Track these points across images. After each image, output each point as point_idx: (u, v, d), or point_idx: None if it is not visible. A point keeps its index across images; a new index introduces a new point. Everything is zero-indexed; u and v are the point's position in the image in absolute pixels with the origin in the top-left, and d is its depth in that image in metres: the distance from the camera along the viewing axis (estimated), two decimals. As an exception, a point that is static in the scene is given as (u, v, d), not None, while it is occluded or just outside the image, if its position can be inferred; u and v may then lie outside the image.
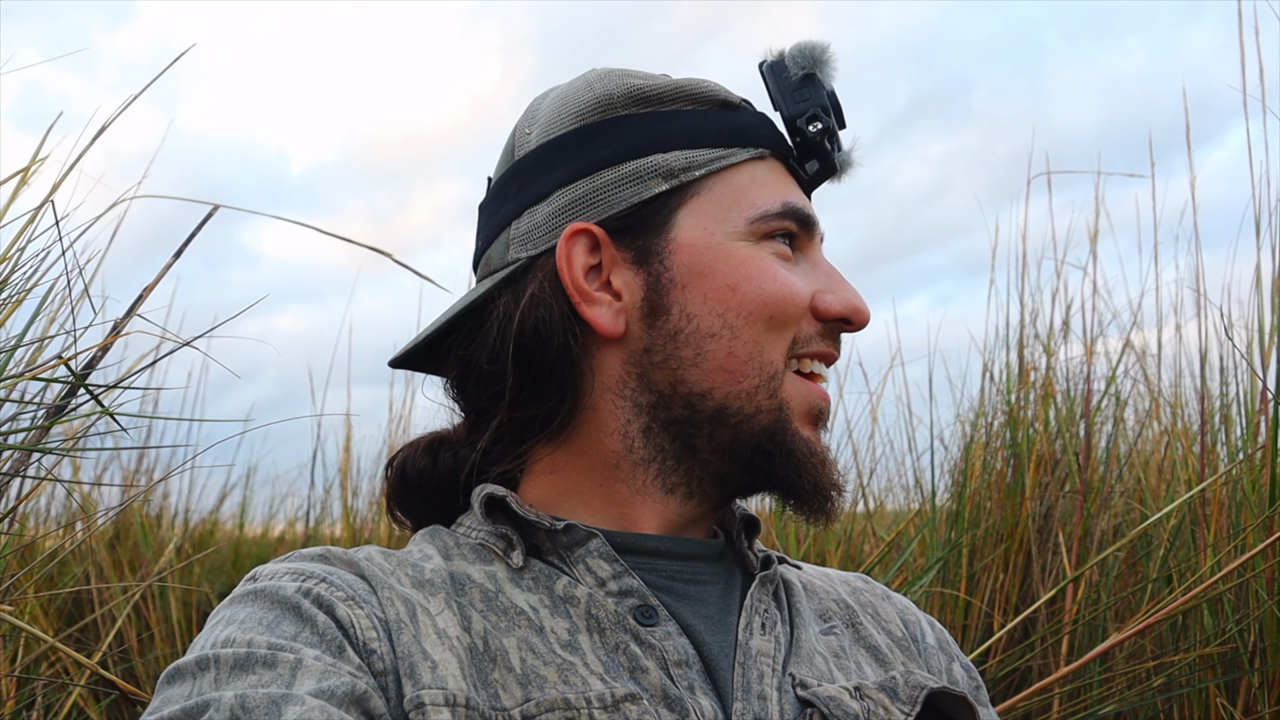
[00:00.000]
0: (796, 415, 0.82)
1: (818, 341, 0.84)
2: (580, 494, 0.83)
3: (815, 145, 0.87)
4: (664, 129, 0.84)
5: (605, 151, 0.84)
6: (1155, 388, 2.54)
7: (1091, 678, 1.96)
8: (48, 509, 2.74)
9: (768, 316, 0.81)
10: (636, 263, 0.83)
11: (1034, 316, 2.57)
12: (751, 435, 0.81)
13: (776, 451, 0.81)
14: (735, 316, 0.80)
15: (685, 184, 0.83)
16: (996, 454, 2.43)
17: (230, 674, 0.64)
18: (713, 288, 0.81)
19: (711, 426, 0.81)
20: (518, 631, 0.73)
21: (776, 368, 0.81)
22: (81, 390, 1.11)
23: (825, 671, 0.79)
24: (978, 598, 2.24)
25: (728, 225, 0.82)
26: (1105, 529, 2.25)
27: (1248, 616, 1.80)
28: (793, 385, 0.83)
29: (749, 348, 0.81)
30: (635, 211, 0.83)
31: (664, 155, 0.83)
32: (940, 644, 0.92)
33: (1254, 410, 2.08)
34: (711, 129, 0.85)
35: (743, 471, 0.83)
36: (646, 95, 0.85)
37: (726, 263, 0.81)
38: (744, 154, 0.85)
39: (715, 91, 0.87)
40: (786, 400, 0.82)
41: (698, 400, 0.81)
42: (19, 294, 1.18)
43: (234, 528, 3.41)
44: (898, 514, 2.77)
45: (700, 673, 0.74)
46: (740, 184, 0.84)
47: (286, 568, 0.74)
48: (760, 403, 0.81)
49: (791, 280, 0.82)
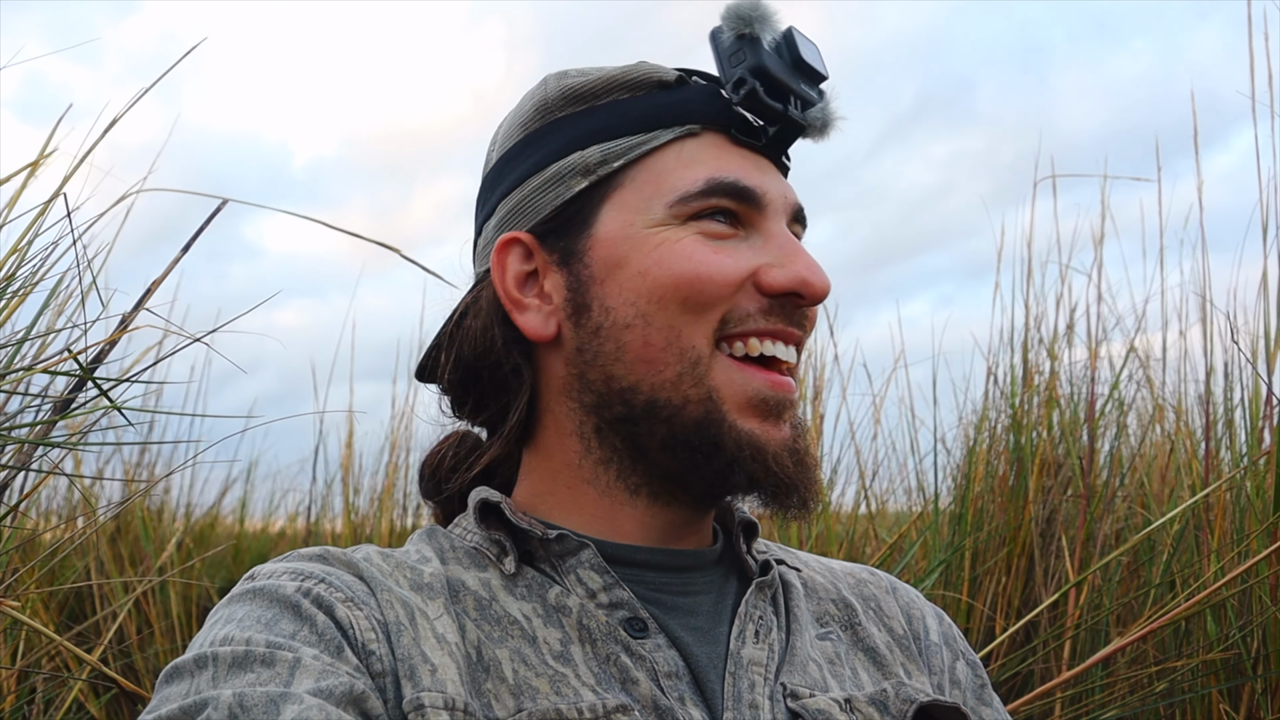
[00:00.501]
0: (731, 405, 0.78)
1: (759, 319, 0.79)
2: (554, 496, 0.84)
3: (762, 109, 0.82)
4: (588, 125, 0.84)
5: (536, 158, 0.85)
6: (1159, 392, 2.54)
7: (1094, 683, 1.95)
8: (48, 503, 2.74)
9: (681, 299, 0.78)
10: (561, 264, 0.83)
11: (1038, 320, 2.57)
12: (687, 427, 0.77)
13: (701, 446, 0.77)
14: (647, 303, 0.78)
15: (605, 177, 0.82)
16: (1000, 457, 2.43)
17: (229, 672, 0.63)
18: (626, 277, 0.79)
19: (648, 423, 0.79)
20: (510, 641, 0.73)
21: (699, 352, 0.78)
22: (88, 384, 1.11)
23: (819, 680, 0.78)
24: (980, 601, 2.24)
25: (648, 213, 0.80)
26: (1108, 533, 2.25)
27: (1251, 623, 1.80)
28: (724, 372, 0.78)
29: (664, 334, 0.78)
30: (559, 213, 0.83)
31: (582, 152, 0.83)
32: (945, 640, 0.91)
33: (1258, 416, 2.08)
34: (636, 115, 0.83)
35: (693, 470, 0.79)
36: (580, 93, 0.85)
37: (639, 250, 0.79)
38: (668, 134, 0.82)
39: (651, 74, 0.84)
40: (716, 388, 0.77)
41: (630, 395, 0.79)
42: (26, 287, 1.18)
43: (234, 522, 3.41)
44: (900, 516, 2.77)
45: (690, 684, 0.74)
46: (663, 167, 0.81)
47: (285, 567, 0.74)
48: (687, 392, 0.77)
49: (711, 258, 0.78)
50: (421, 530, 0.86)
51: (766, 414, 0.79)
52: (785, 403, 0.80)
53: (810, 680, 0.78)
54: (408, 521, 2.97)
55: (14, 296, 1.17)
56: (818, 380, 2.51)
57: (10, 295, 1.16)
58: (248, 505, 3.37)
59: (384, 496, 2.96)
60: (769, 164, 0.85)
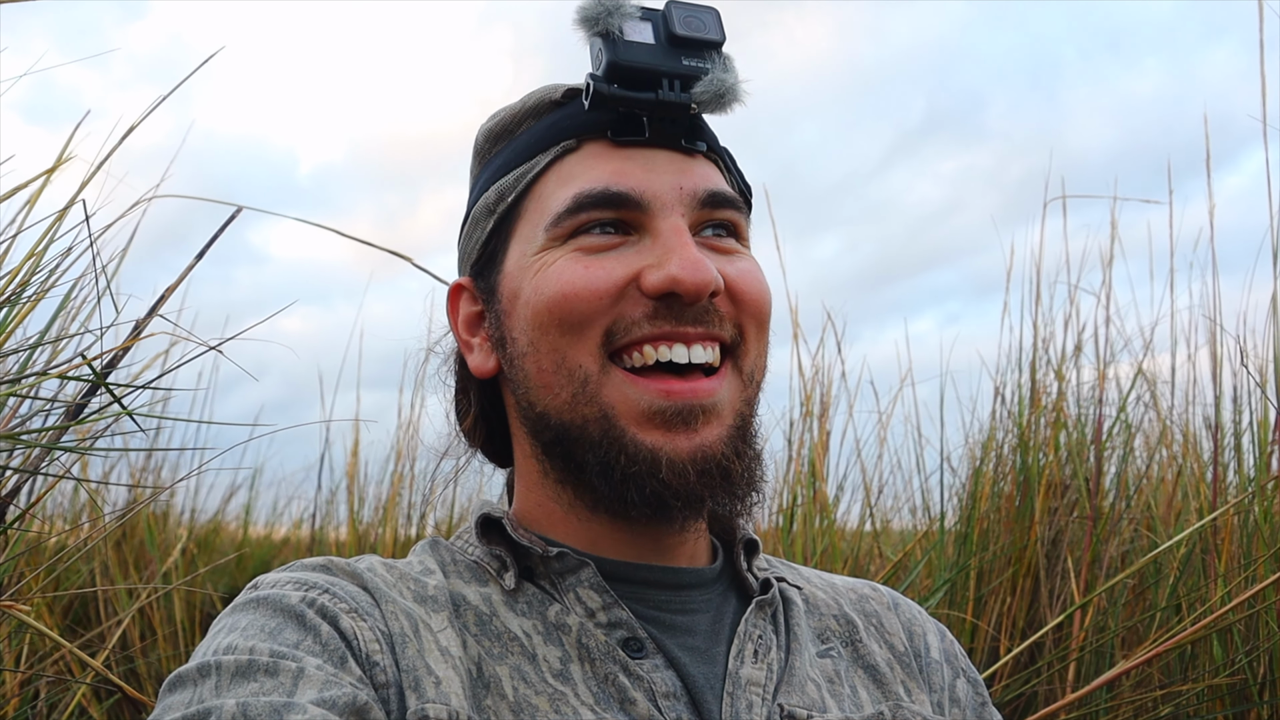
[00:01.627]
0: (628, 420, 0.75)
1: (645, 325, 0.76)
2: (534, 510, 0.85)
3: (622, 104, 0.78)
4: (496, 164, 0.86)
5: (468, 203, 0.90)
6: (1167, 415, 2.53)
7: (1098, 705, 1.94)
8: (54, 507, 2.74)
9: (556, 321, 0.77)
10: (486, 303, 0.86)
11: (1046, 340, 2.56)
12: (594, 446, 0.76)
13: (604, 465, 0.75)
14: (533, 330, 0.79)
15: (504, 214, 0.84)
16: (1006, 477, 2.42)
17: (232, 681, 0.64)
18: (519, 307, 0.81)
19: (567, 446, 0.78)
20: (510, 659, 0.73)
21: (586, 371, 0.76)
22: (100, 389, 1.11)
23: (817, 700, 0.78)
24: (984, 621, 2.23)
25: (534, 241, 0.80)
26: (1114, 556, 2.24)
27: (1258, 648, 1.79)
28: (617, 388, 0.76)
29: (551, 357, 0.77)
30: (480, 254, 0.86)
31: (485, 193, 0.85)
32: (946, 657, 0.91)
33: (1266, 440, 2.07)
34: (523, 145, 0.84)
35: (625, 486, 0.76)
36: (497, 132, 0.88)
37: (525, 278, 0.80)
38: (546, 157, 0.81)
39: (546, 96, 0.84)
40: (610, 404, 0.75)
41: (545, 421, 0.80)
42: (39, 293, 1.19)
43: (239, 529, 3.41)
44: (905, 534, 2.76)
45: (687, 705, 0.74)
46: (545, 192, 0.81)
47: (290, 577, 0.74)
48: (583, 412, 0.76)
49: (580, 274, 0.76)
50: (425, 541, 0.86)
51: (668, 424, 0.75)
52: (688, 410, 0.75)
53: (809, 701, 0.78)
54: (412, 531, 2.97)
55: (28, 302, 1.17)
56: (825, 397, 2.51)
57: (25, 300, 1.17)
58: (252, 512, 3.38)
59: (389, 506, 2.96)
60: (669, 156, 0.80)
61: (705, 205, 0.80)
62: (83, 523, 2.57)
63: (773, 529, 2.35)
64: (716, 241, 0.81)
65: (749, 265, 0.82)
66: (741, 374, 0.80)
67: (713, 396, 0.76)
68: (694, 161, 0.81)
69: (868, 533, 2.55)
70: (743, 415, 0.79)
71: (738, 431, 0.78)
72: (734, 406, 0.79)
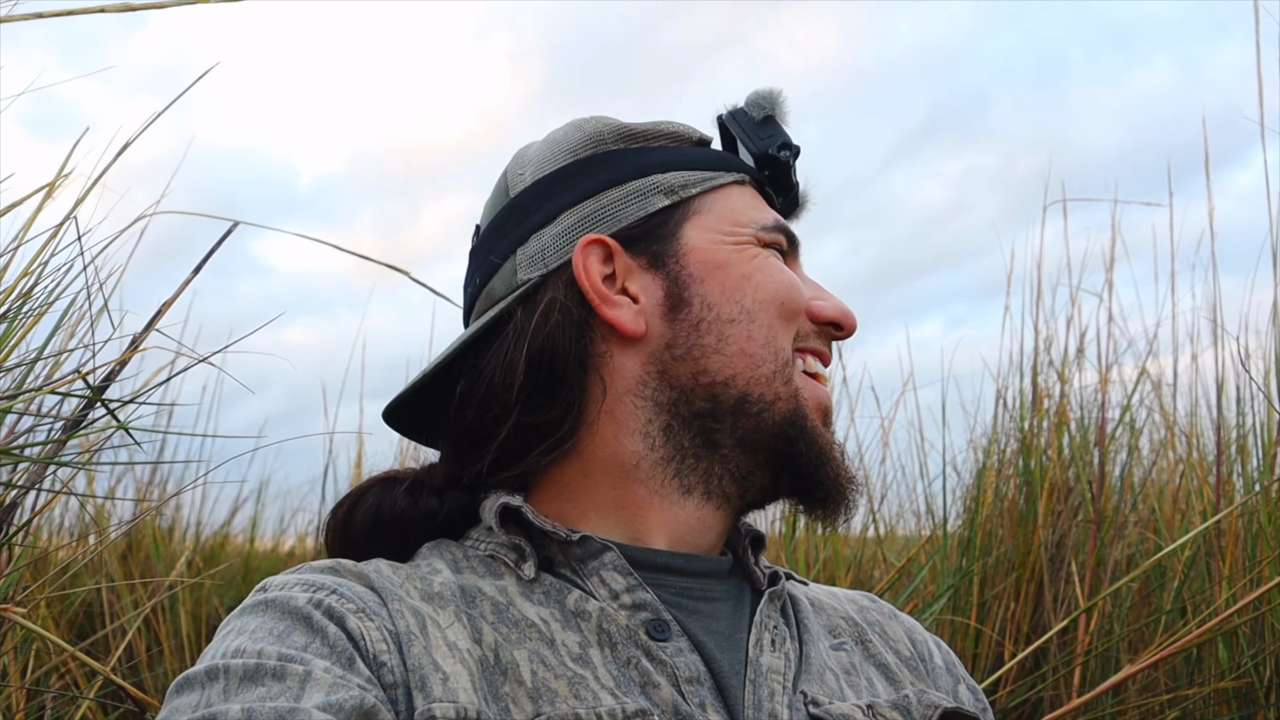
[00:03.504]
0: (810, 406, 0.86)
1: (815, 339, 0.89)
2: (592, 500, 0.84)
3: (784, 175, 0.94)
4: (656, 157, 0.91)
5: (606, 175, 0.89)
6: (1170, 417, 2.53)
7: (1104, 710, 1.93)
8: (61, 521, 2.76)
9: (779, 303, 0.86)
10: (652, 267, 0.87)
11: (1049, 343, 2.56)
12: (774, 423, 0.83)
13: (800, 436, 0.84)
14: (752, 303, 0.85)
15: (684, 200, 0.89)
16: (1009, 481, 2.41)
17: (239, 685, 0.64)
18: (730, 278, 0.86)
19: (734, 417, 0.83)
20: (528, 644, 0.73)
21: (788, 355, 0.85)
22: (98, 404, 1.12)
23: (836, 689, 0.79)
24: (989, 626, 2.22)
25: (734, 235, 0.88)
26: (1119, 559, 2.23)
27: (1263, 650, 1.78)
28: (801, 379, 0.86)
29: (765, 332, 0.85)
30: (643, 224, 0.88)
31: (662, 175, 0.90)
32: (947, 665, 0.92)
33: (1271, 441, 2.06)
34: (697, 157, 0.92)
35: (763, 467, 0.84)
36: (633, 133, 0.92)
37: (740, 257, 0.87)
38: (729, 177, 0.92)
39: (691, 131, 0.95)
40: (800, 389, 0.85)
41: (720, 389, 0.83)
42: (40, 308, 1.19)
43: (245, 541, 3.42)
44: (909, 540, 2.75)
45: (711, 690, 0.74)
46: (733, 203, 0.91)
47: (297, 579, 0.74)
48: (778, 389, 0.84)
49: (794, 278, 0.89)
50: (431, 544, 0.86)
51: (826, 420, 0.88)
52: (831, 416, 0.90)
53: (829, 690, 0.78)
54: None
55: (29, 317, 1.18)
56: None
57: (25, 316, 1.17)
58: (258, 525, 3.38)
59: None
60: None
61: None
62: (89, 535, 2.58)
63: (775, 536, 2.34)
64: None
65: None
66: None
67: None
68: None
69: (871, 539, 2.54)
70: None
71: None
72: None
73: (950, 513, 2.48)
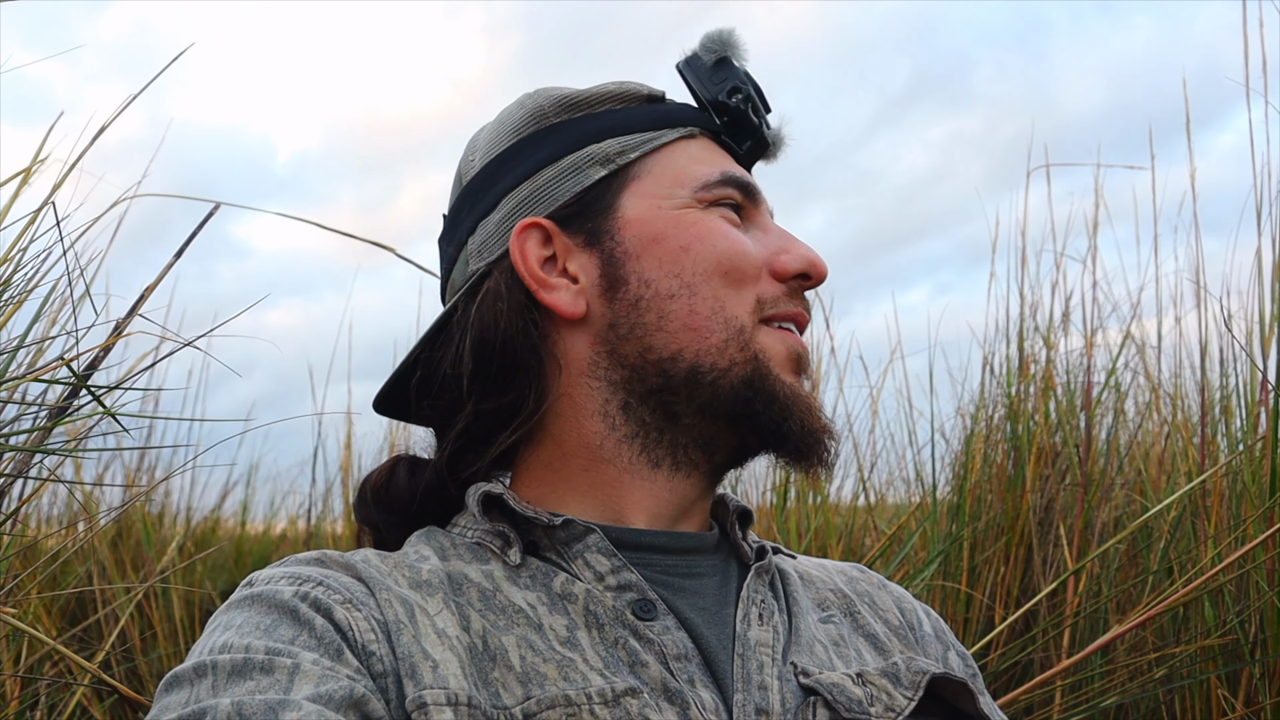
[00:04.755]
0: (776, 363, 0.83)
1: (785, 302, 0.86)
2: (569, 483, 0.84)
3: (742, 119, 0.89)
4: (595, 125, 0.89)
5: (543, 154, 0.88)
6: (1155, 379, 2.55)
7: (1093, 670, 1.96)
8: (50, 509, 2.74)
9: (723, 273, 0.83)
10: (588, 245, 0.86)
11: (1034, 309, 2.57)
12: (730, 387, 0.81)
13: (757, 397, 0.82)
14: (691, 275, 0.83)
15: (623, 167, 0.87)
16: (997, 447, 2.43)
17: (228, 680, 0.63)
18: (666, 251, 0.83)
19: (688, 389, 0.82)
20: (516, 630, 0.73)
21: (743, 322, 0.83)
22: (84, 391, 1.11)
23: (825, 660, 0.79)
24: (979, 591, 2.25)
25: (673, 199, 0.85)
26: (1106, 521, 2.25)
27: (1248, 608, 1.81)
28: (767, 336, 0.84)
29: (709, 304, 0.82)
30: (579, 199, 0.86)
31: (598, 145, 0.87)
32: (936, 633, 0.92)
33: (1254, 401, 2.08)
34: (639, 118, 0.89)
35: (727, 430, 0.83)
36: (575, 102, 0.89)
37: (677, 226, 0.84)
38: (674, 134, 0.88)
39: (639, 89, 0.91)
40: (762, 349, 0.83)
41: (669, 364, 0.82)
42: (21, 295, 1.18)
43: (235, 525, 3.41)
44: (899, 507, 2.77)
45: (700, 665, 0.74)
46: (677, 162, 0.87)
47: (283, 572, 0.74)
48: (733, 355, 0.82)
49: (743, 239, 0.85)
50: (419, 531, 0.86)
51: (799, 370, 0.85)
52: (805, 360, 0.86)
53: (818, 660, 0.79)
54: (408, 521, 2.97)
55: (9, 304, 1.17)
56: (814, 373, 2.51)
57: (5, 303, 1.16)
58: (249, 508, 3.38)
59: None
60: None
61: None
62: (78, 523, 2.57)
63: (766, 507, 2.36)
64: None
65: None
66: None
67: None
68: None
69: (861, 507, 2.56)
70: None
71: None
72: None
73: (939, 479, 2.50)
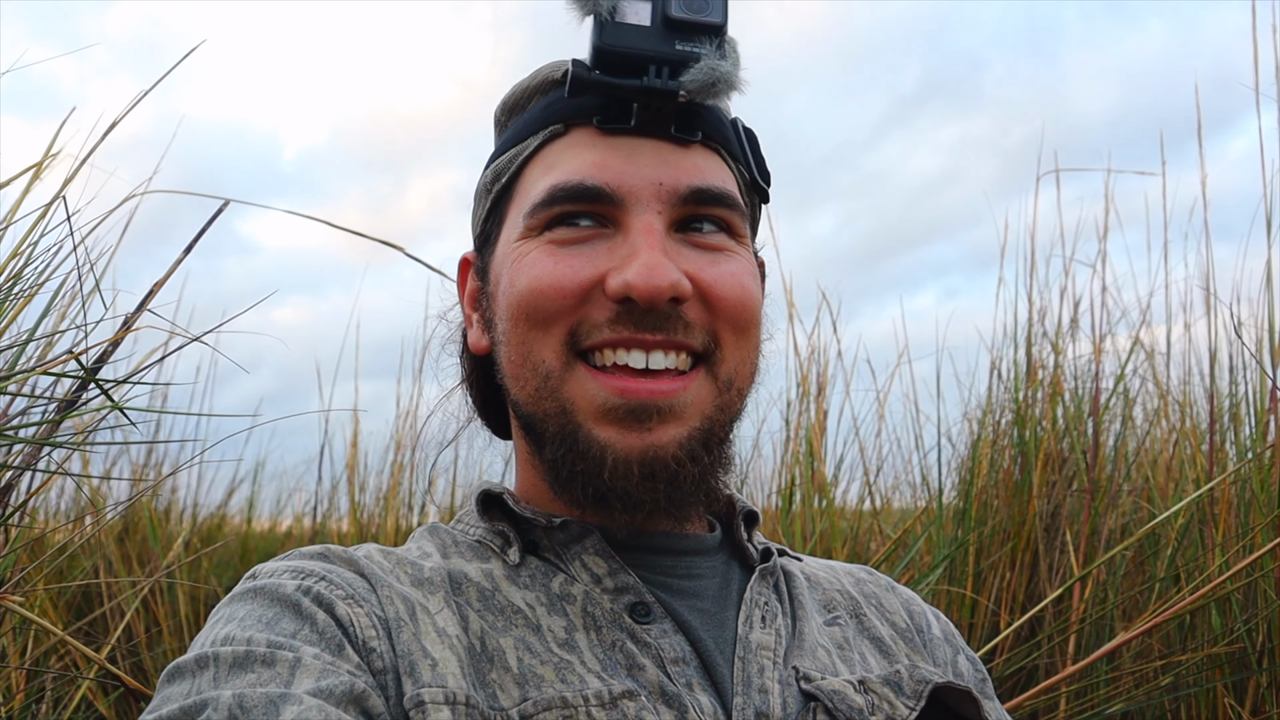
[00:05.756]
0: (585, 414, 0.74)
1: (606, 329, 0.74)
2: (531, 488, 0.85)
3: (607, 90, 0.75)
4: (505, 138, 0.85)
5: (483, 176, 0.88)
6: (1164, 386, 2.54)
7: (1099, 677, 1.95)
8: (57, 503, 2.75)
9: (525, 315, 0.76)
10: (482, 280, 0.86)
11: (1042, 314, 2.56)
12: (553, 442, 0.76)
13: (569, 456, 0.75)
14: (507, 320, 0.78)
15: (499, 194, 0.84)
16: (1004, 452, 2.42)
17: (229, 672, 0.64)
18: (499, 294, 0.81)
19: (533, 436, 0.79)
20: (515, 631, 0.73)
21: (550, 367, 0.75)
22: (92, 385, 1.11)
23: (828, 664, 0.79)
24: (984, 596, 2.24)
25: (515, 228, 0.80)
26: (1113, 528, 2.24)
27: (1256, 616, 1.80)
28: (578, 384, 0.75)
29: (520, 350, 0.77)
30: (482, 231, 0.87)
31: (494, 164, 0.85)
32: (946, 636, 0.92)
33: (1263, 409, 2.07)
34: (521, 125, 0.82)
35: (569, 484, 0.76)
36: (510, 104, 0.86)
37: (505, 265, 0.79)
38: (536, 140, 0.80)
39: (550, 74, 0.82)
40: (570, 400, 0.75)
41: (518, 408, 0.81)
42: (31, 289, 1.19)
43: (242, 522, 3.42)
44: (904, 512, 2.77)
45: (698, 669, 0.74)
46: (530, 178, 0.80)
47: (286, 566, 0.74)
48: (546, 407, 0.76)
49: (549, 269, 0.75)
50: (424, 527, 0.87)
51: (622, 421, 0.73)
52: (642, 409, 0.73)
53: (820, 665, 0.78)
54: (413, 520, 2.98)
55: (19, 298, 1.17)
56: (821, 377, 2.51)
57: (15, 297, 1.17)
58: (255, 505, 3.39)
59: (389, 495, 2.97)
60: (655, 146, 0.77)
61: (689, 201, 0.77)
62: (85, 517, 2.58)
63: (771, 510, 2.35)
64: (703, 238, 0.78)
65: (735, 267, 0.78)
66: (717, 380, 0.77)
67: (671, 398, 0.74)
68: (686, 153, 0.78)
69: (867, 511, 2.55)
70: (713, 420, 0.77)
71: (701, 436, 0.75)
72: (702, 410, 0.76)
73: (946, 484, 2.49)
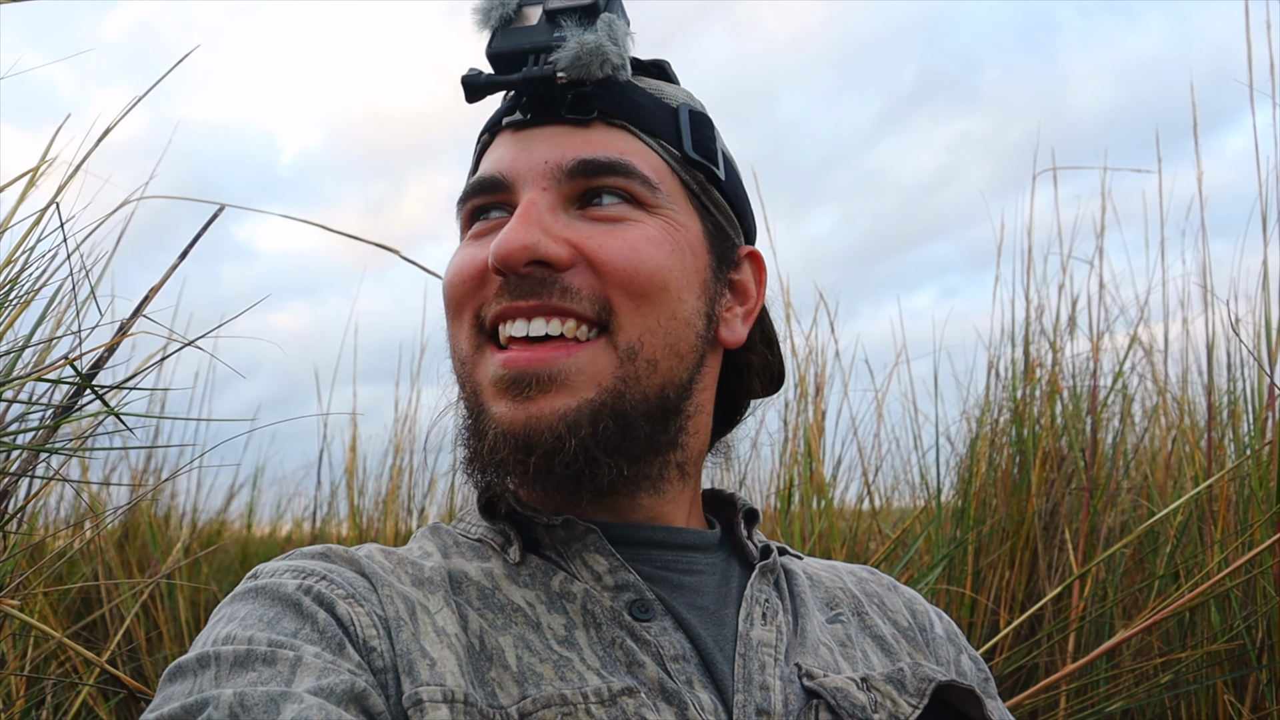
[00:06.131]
0: (485, 392, 0.77)
1: (493, 304, 0.78)
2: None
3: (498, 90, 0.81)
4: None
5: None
6: (1162, 383, 2.54)
7: (1098, 675, 1.95)
8: (57, 509, 2.75)
9: (447, 308, 0.82)
10: None
11: (1040, 312, 2.56)
12: (471, 426, 0.80)
13: (474, 436, 0.78)
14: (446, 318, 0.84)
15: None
16: (1002, 451, 2.42)
17: (230, 671, 0.64)
18: None
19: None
20: (514, 629, 0.73)
21: (464, 352, 0.80)
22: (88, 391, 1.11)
23: (830, 661, 0.79)
24: (984, 595, 2.24)
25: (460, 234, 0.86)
26: (1112, 525, 2.24)
27: (1255, 613, 1.80)
28: (483, 363, 0.78)
29: (450, 343, 0.83)
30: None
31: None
32: (949, 635, 0.92)
33: (1261, 406, 2.07)
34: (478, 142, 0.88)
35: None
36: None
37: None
38: (479, 149, 0.87)
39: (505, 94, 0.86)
40: (476, 381, 0.79)
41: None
42: (27, 295, 1.19)
43: (241, 527, 3.42)
44: (903, 511, 2.77)
45: (698, 666, 0.74)
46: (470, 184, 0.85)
47: (288, 565, 0.74)
48: (466, 392, 0.81)
49: (458, 260, 0.81)
50: (426, 527, 0.87)
51: (506, 392, 0.75)
52: (521, 378, 0.74)
53: (823, 662, 0.78)
54: (413, 524, 2.99)
55: (15, 304, 1.18)
56: (819, 377, 2.51)
57: (11, 303, 1.17)
58: (254, 510, 3.39)
59: (389, 499, 2.97)
60: (553, 131, 0.80)
61: (578, 174, 0.78)
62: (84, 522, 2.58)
63: (770, 510, 2.35)
64: (602, 211, 0.79)
65: (634, 234, 0.78)
66: (617, 349, 0.76)
67: (551, 365, 0.74)
68: (582, 132, 0.80)
69: (866, 511, 2.55)
70: (614, 392, 0.75)
71: (595, 408, 0.74)
72: (598, 381, 0.75)
73: (944, 483, 2.49)
